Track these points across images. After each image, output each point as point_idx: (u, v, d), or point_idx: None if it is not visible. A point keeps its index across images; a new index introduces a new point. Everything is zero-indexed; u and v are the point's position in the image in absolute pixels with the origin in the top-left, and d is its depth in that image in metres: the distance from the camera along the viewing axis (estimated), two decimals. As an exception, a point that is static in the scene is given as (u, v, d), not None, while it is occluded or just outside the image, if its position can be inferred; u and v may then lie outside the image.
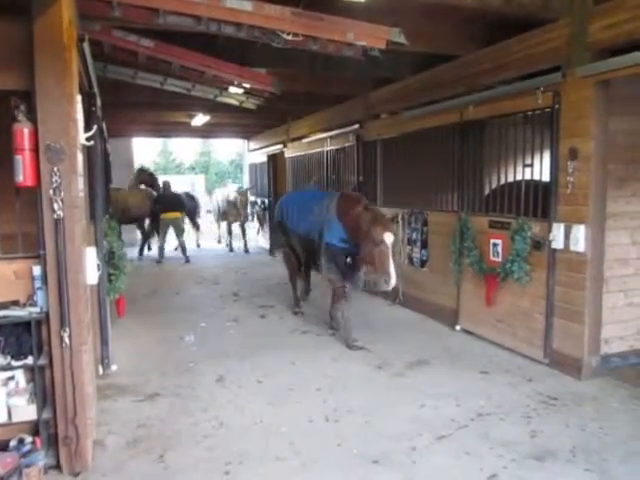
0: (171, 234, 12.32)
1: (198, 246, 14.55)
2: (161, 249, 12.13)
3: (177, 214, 12.21)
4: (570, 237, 4.73)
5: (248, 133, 16.33)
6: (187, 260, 11.96)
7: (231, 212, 13.50)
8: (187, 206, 13.20)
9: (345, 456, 3.51)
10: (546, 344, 5.07)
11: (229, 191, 14.25)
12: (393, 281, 5.06)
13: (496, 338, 5.71)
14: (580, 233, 4.63)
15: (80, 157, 3.42)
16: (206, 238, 15.54)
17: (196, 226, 14.53)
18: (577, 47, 4.62)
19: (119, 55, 5.50)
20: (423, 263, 7.10)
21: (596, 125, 4.58)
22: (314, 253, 6.05)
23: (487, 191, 6.24)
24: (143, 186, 13.30)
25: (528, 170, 5.48)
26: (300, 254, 6.71)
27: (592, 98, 4.56)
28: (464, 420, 4.00)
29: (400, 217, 6.78)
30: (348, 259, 5.62)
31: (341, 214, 5.72)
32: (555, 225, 4.88)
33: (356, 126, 8.90)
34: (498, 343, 5.66)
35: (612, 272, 4.85)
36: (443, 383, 4.72)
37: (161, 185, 12.82)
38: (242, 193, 13.56)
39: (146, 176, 13.67)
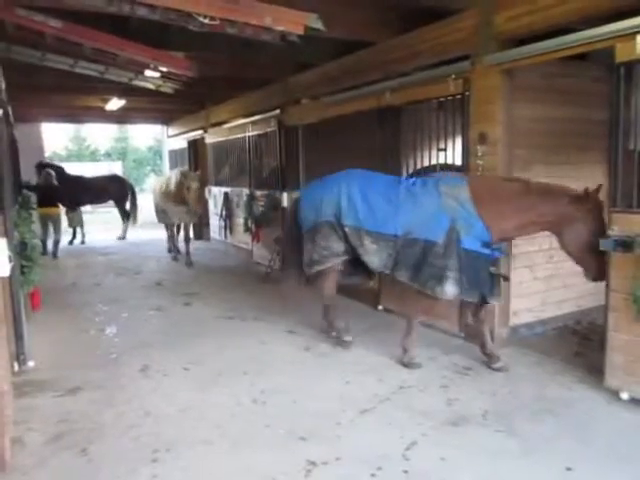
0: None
1: (122, 238, 13.51)
2: (43, 244, 10.91)
3: (53, 209, 11.16)
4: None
5: (167, 118, 15.90)
6: (55, 256, 11.15)
7: (174, 207, 9.64)
8: (119, 192, 13.08)
9: (273, 436, 3.59)
10: (461, 319, 5.38)
11: (171, 178, 9.77)
12: None
13: (416, 315, 5.95)
14: (490, 213, 4.92)
15: (-16, 143, 3.24)
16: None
17: (126, 215, 13.47)
18: (484, 37, 4.88)
19: (25, 35, 5.20)
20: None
21: (502, 111, 4.88)
22: (425, 261, 4.40)
23: (405, 175, 6.46)
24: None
25: (442, 154, 5.75)
26: (376, 266, 4.79)
27: (498, 86, 4.84)
28: (386, 394, 4.19)
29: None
30: (492, 268, 4.42)
31: (490, 207, 4.28)
32: (467, 206, 5.15)
33: (277, 111, 8.92)
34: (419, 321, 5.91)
35: (518, 249, 5.20)
36: (367, 361, 4.90)
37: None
38: (189, 176, 9.26)
39: None
